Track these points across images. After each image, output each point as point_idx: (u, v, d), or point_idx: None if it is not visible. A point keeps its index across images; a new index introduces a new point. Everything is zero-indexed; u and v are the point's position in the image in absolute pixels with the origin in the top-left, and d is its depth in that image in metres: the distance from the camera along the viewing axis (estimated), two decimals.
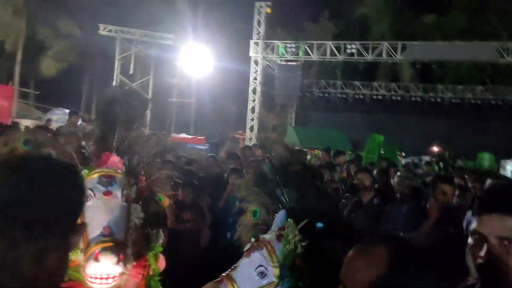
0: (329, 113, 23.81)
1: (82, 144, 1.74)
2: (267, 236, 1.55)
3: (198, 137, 12.06)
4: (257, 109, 17.69)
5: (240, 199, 1.72)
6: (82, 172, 1.60)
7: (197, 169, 5.64)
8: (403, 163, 12.68)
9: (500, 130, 21.14)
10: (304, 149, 8.11)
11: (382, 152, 15.04)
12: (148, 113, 17.28)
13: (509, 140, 20.03)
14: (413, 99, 22.81)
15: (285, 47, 18.28)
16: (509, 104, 21.43)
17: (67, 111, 14.15)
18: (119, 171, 1.64)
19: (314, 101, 24.45)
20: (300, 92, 20.68)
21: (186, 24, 19.38)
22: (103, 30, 19.01)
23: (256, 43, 17.66)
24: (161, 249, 1.85)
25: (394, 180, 5.39)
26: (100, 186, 1.54)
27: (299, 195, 1.53)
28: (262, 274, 1.44)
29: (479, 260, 1.21)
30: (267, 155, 1.69)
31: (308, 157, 12.00)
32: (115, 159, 1.66)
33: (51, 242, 0.80)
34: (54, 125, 9.63)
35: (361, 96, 23.53)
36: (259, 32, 17.47)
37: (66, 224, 0.85)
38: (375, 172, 5.66)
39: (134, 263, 1.67)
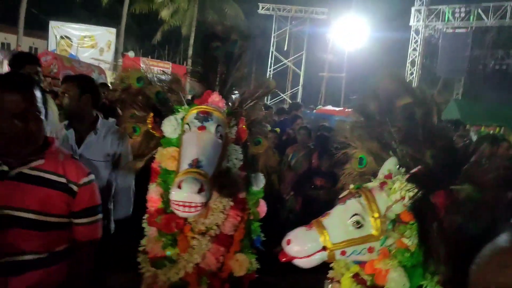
0: (506, 88, 20.34)
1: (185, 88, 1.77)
2: (369, 184, 1.32)
3: (346, 110, 11.63)
4: (415, 84, 16.22)
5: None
6: (182, 108, 1.62)
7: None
8: None
9: None
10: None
11: None
12: (300, 88, 17.57)
13: None
14: None
15: (453, 12, 16.15)
16: None
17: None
18: (218, 109, 1.60)
19: (488, 75, 21.14)
20: (469, 65, 18.16)
21: None
22: (262, 9, 20.10)
23: (419, 10, 16.06)
24: (262, 194, 1.78)
25: None
26: (196, 121, 1.53)
27: (409, 135, 1.24)
28: (358, 224, 1.24)
29: None
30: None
31: (472, 134, 10.49)
32: (215, 97, 1.63)
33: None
34: None
35: None
36: None
37: None
38: None
39: (232, 204, 1.64)
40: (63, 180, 1.46)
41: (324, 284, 1.47)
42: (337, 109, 11.51)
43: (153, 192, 1.67)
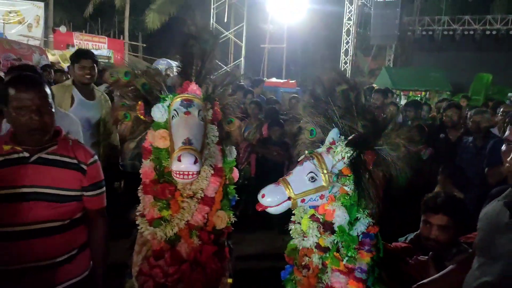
0: (432, 53, 21.89)
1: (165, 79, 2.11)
2: (319, 150, 1.79)
3: (290, 81, 12.23)
4: (351, 52, 17.12)
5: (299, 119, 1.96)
6: (168, 97, 1.98)
7: (281, 110, 5.91)
8: None
9: None
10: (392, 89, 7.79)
11: (490, 93, 13.71)
12: (242, 59, 17.84)
13: None
14: None
15: None
16: None
17: (170, 61, 15.29)
18: (197, 96, 1.98)
19: (416, 41, 22.62)
20: (399, 32, 19.35)
21: None
22: None
23: None
24: (235, 163, 2.20)
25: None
26: (181, 107, 1.91)
27: (346, 112, 1.71)
28: (313, 179, 1.70)
29: (506, 164, 1.33)
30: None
31: (399, 98, 11.52)
32: (193, 87, 2.00)
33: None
34: None
35: (471, 32, 21.15)
36: None
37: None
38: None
39: (213, 172, 2.05)
40: (75, 161, 1.79)
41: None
42: (281, 81, 12.08)
43: (147, 167, 2.04)
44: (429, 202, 2.19)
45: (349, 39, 17.16)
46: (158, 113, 1.96)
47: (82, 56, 3.41)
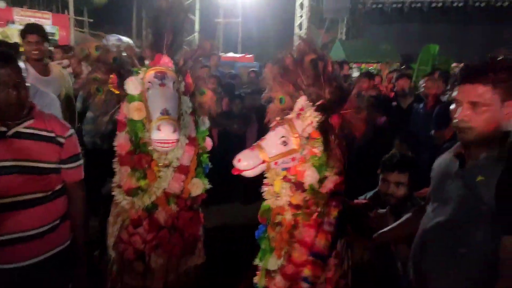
0: (383, 26, 22.58)
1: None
2: (289, 116, 1.92)
3: (247, 56, 12.26)
4: (304, 25, 17.27)
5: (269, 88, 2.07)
6: (142, 70, 2.02)
7: (240, 84, 6.01)
8: None
9: None
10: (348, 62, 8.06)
11: (436, 63, 14.44)
12: (196, 34, 17.55)
13: None
14: (476, 4, 21.00)
15: None
16: None
17: (121, 37, 14.76)
18: (170, 68, 2.04)
19: (367, 14, 23.18)
20: (350, 5, 19.73)
21: None
22: None
23: None
24: (207, 132, 2.30)
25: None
26: (156, 79, 1.96)
27: (314, 80, 1.85)
28: (285, 143, 1.84)
29: (455, 120, 1.53)
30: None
31: (353, 70, 11.93)
32: (165, 59, 2.06)
33: None
34: None
35: (419, 5, 21.95)
36: None
37: None
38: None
39: (187, 141, 2.14)
40: (52, 134, 1.82)
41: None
42: (238, 55, 12.09)
43: (122, 139, 2.09)
44: (386, 162, 2.41)
45: (303, 12, 17.27)
46: (132, 86, 2.00)
47: (27, 31, 3.29)
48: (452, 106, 1.57)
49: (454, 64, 11.83)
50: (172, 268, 2.20)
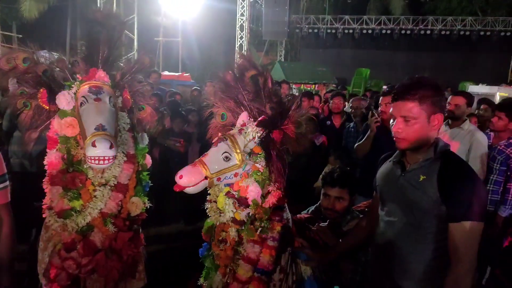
0: (318, 49, 23.71)
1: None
2: (231, 132, 1.91)
3: (184, 74, 12.21)
4: (245, 47, 17.60)
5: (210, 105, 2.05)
6: (75, 84, 1.92)
7: (182, 102, 5.95)
8: None
9: (488, 61, 21.35)
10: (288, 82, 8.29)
11: (368, 85, 15.42)
12: (135, 53, 17.19)
13: (496, 70, 20.40)
14: (402, 32, 22.75)
15: None
16: (498, 35, 21.50)
17: (52, 53, 14.07)
18: (105, 83, 1.96)
19: (304, 37, 24.24)
20: (288, 29, 20.45)
21: None
22: None
23: None
24: (147, 150, 2.22)
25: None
26: (91, 94, 1.87)
27: (255, 96, 1.86)
28: (227, 159, 1.82)
29: (393, 131, 1.66)
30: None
31: (294, 90, 12.33)
32: (101, 73, 1.97)
33: None
34: None
35: (351, 31, 23.34)
36: None
37: None
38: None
39: (126, 159, 2.05)
40: None
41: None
42: (176, 74, 12.02)
43: (53, 157, 1.95)
44: (327, 177, 2.47)
45: (243, 34, 17.61)
46: (64, 100, 1.89)
47: None
48: (391, 121, 1.70)
49: (384, 86, 12.73)
50: None
